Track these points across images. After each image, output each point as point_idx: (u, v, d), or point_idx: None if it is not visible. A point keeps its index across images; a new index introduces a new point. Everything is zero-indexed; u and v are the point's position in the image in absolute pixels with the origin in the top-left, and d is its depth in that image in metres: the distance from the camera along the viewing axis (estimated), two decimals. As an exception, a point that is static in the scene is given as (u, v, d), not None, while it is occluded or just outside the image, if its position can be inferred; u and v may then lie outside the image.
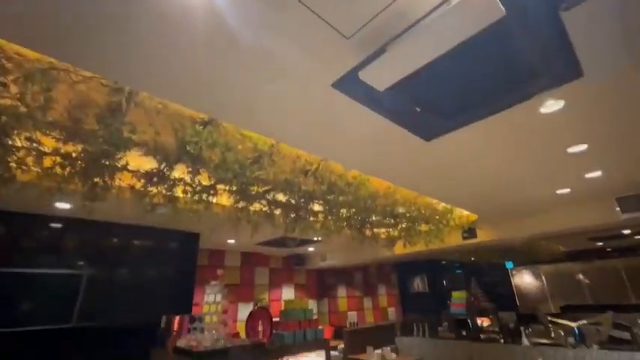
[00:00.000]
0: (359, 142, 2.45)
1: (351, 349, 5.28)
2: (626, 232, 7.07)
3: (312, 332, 4.35)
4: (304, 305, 4.63)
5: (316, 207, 3.67)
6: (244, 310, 6.08)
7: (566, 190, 3.81)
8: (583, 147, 2.64)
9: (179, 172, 2.59)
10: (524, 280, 11.61)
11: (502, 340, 4.99)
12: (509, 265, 11.58)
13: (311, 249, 7.18)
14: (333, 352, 5.17)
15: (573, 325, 4.53)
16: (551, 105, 2.04)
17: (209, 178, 2.63)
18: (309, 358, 4.27)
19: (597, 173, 3.28)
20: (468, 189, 3.64)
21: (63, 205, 3.52)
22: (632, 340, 4.08)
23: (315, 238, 5.77)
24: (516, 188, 3.68)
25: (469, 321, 6.27)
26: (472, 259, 10.17)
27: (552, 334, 4.75)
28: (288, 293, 7.55)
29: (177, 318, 3.95)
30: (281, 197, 3.27)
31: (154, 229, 4.58)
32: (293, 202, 3.30)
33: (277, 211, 3.40)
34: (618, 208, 4.03)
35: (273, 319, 4.32)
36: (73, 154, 2.20)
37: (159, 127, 2.09)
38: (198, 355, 3.22)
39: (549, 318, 5.28)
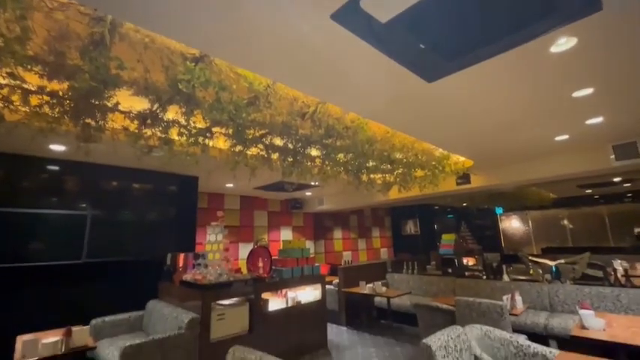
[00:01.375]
0: (358, 82, 2.35)
1: (345, 283, 5.72)
2: (617, 179, 7.24)
3: (309, 268, 4.66)
4: (302, 245, 4.90)
5: (313, 152, 3.67)
6: (245, 250, 6.44)
7: (565, 137, 3.80)
8: (589, 91, 2.56)
9: (173, 113, 2.52)
10: (512, 224, 12.19)
11: (484, 277, 5.41)
12: (498, 210, 12.04)
13: (308, 193, 7.35)
14: (328, 287, 5.62)
15: (551, 263, 4.87)
16: (563, 44, 1.92)
17: (204, 120, 2.58)
18: (307, 292, 4.64)
19: (598, 119, 3.24)
20: (467, 134, 3.61)
21: (58, 147, 3.49)
22: (604, 278, 4.44)
23: (313, 183, 5.87)
24: (516, 134, 3.66)
25: (456, 260, 6.71)
26: (464, 204, 10.52)
27: (531, 272, 5.13)
28: (286, 235, 7.92)
29: (182, 255, 4.18)
30: (278, 141, 3.25)
31: (154, 172, 4.62)
32: (290, 146, 3.28)
33: (274, 156, 3.40)
34: (613, 156, 4.07)
35: (273, 258, 4.59)
36: (60, 93, 2.11)
37: (148, 63, 1.98)
38: (204, 287, 3.48)
39: (530, 258, 5.66)
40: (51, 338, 2.70)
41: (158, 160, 3.24)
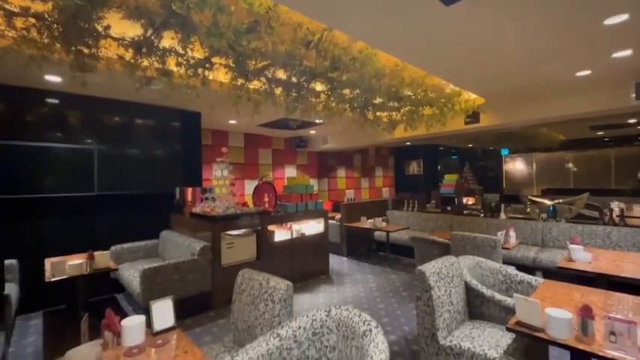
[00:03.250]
0: (368, 5, 2.14)
1: (346, 219, 5.99)
2: (632, 121, 6.99)
3: (312, 204, 4.83)
4: (305, 181, 5.00)
5: (318, 87, 3.52)
6: (250, 186, 6.61)
7: (586, 72, 3.56)
8: (624, 17, 2.31)
9: (168, 40, 2.37)
10: (516, 166, 12.19)
11: (482, 215, 5.60)
12: (504, 152, 11.95)
13: (312, 132, 7.27)
14: (330, 222, 5.89)
15: (549, 203, 4.99)
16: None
17: (202, 48, 2.43)
18: (310, 225, 4.88)
19: (627, 52, 3.00)
20: (482, 66, 3.39)
21: (54, 79, 3.37)
22: (599, 218, 4.57)
23: (317, 121, 5.76)
24: (535, 68, 3.43)
25: (455, 199, 6.89)
26: (470, 145, 10.40)
27: (528, 210, 5.28)
28: (290, 173, 8.05)
29: (190, 189, 4.32)
30: (281, 74, 3.10)
31: (156, 107, 4.53)
32: (294, 80, 3.14)
33: (277, 90, 3.28)
34: (633, 95, 3.86)
35: (277, 193, 4.73)
36: (46, 15, 1.96)
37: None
38: (213, 219, 3.67)
39: (530, 197, 5.77)
40: (76, 260, 2.95)
41: (159, 93, 3.14)
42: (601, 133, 9.45)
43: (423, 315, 2.12)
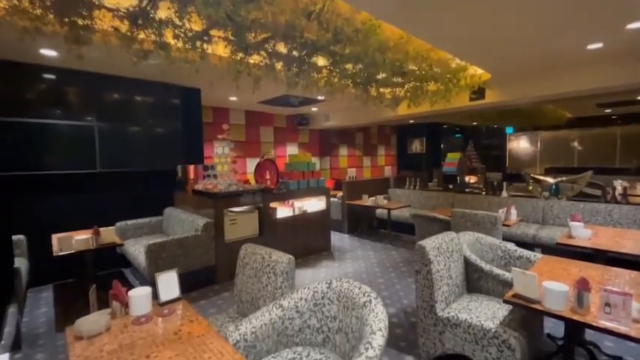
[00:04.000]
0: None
1: (348, 196, 6.02)
2: (641, 97, 6.81)
3: (314, 181, 4.84)
4: (307, 158, 4.99)
5: (320, 61, 3.42)
6: (252, 164, 6.61)
7: (598, 45, 3.43)
8: (640, -15, 2.20)
9: (165, 11, 2.29)
10: (520, 144, 12.05)
11: (484, 193, 5.60)
12: (509, 130, 11.79)
13: (314, 109, 7.16)
14: (332, 199, 5.92)
15: (552, 181, 4.97)
16: None
17: (200, 19, 2.35)
18: (312, 202, 4.91)
19: (642, 24, 2.87)
20: (490, 39, 3.28)
21: (50, 52, 3.30)
22: (601, 196, 4.56)
23: (319, 97, 5.66)
24: (545, 39, 3.30)
25: (458, 177, 6.87)
26: (474, 123, 10.24)
27: (530, 188, 5.27)
28: (292, 151, 8.01)
29: (192, 167, 4.33)
30: (282, 48, 3.01)
31: (155, 83, 4.45)
32: (295, 53, 3.05)
33: (278, 65, 3.20)
34: (645, 69, 3.74)
35: (279, 171, 4.73)
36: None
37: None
38: (215, 196, 3.70)
39: (533, 175, 5.75)
40: (82, 236, 3.01)
41: (157, 68, 3.07)
42: (609, 110, 9.25)
43: (422, 288, 2.17)
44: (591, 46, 3.47)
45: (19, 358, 2.36)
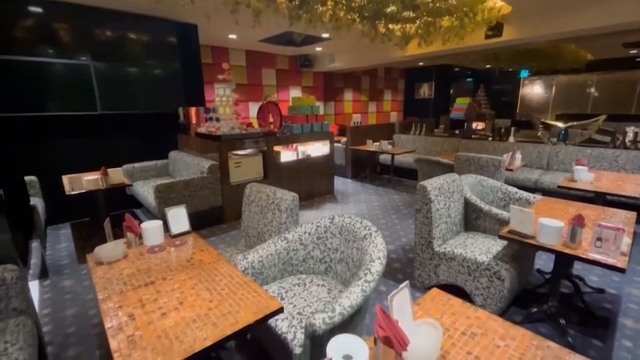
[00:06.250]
0: None
1: (352, 142, 5.97)
2: (673, 36, 6.27)
3: (318, 125, 4.77)
4: (311, 101, 4.85)
5: (325, -8, 3.13)
6: (254, 108, 6.45)
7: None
8: None
9: None
10: (533, 90, 11.51)
11: (490, 139, 5.51)
12: (523, 74, 11.17)
13: (318, 49, 6.76)
14: (336, 145, 5.89)
15: (562, 126, 4.84)
16: None
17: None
18: (316, 147, 4.90)
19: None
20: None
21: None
22: (610, 142, 4.47)
23: (323, 35, 5.31)
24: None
25: (465, 123, 6.72)
26: (487, 66, 9.68)
27: (539, 134, 5.17)
28: (295, 94, 7.76)
29: (193, 109, 4.25)
30: (283, -25, 2.74)
31: (150, 18, 4.16)
32: (298, -19, 2.78)
33: (280, -5, 2.94)
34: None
35: (283, 115, 4.64)
36: None
37: None
38: (219, 138, 3.69)
39: (543, 121, 5.59)
40: (91, 176, 3.09)
41: (148, -2, 2.85)
42: (634, 51, 8.62)
43: (421, 226, 2.26)
44: (628, -28, 3.11)
45: (48, 284, 2.59)
